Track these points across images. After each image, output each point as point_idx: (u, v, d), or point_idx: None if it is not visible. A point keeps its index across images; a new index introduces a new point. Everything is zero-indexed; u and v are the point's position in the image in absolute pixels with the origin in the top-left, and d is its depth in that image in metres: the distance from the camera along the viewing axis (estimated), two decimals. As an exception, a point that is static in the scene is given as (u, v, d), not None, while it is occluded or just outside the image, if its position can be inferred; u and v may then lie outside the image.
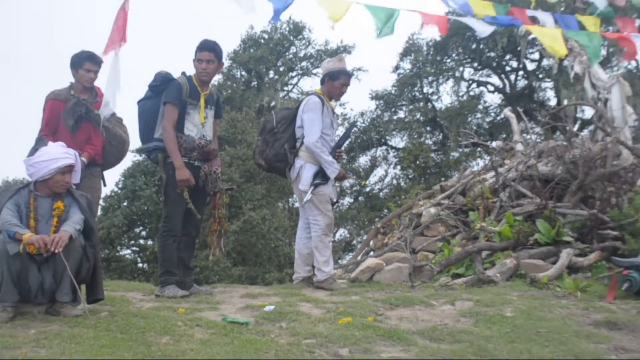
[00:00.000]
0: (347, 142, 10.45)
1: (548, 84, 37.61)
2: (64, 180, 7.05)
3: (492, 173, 12.87)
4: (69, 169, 7.09)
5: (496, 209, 11.67)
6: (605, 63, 14.57)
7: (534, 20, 10.43)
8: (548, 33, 9.92)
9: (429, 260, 10.69)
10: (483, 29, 9.85)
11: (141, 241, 29.48)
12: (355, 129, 35.94)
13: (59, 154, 7.08)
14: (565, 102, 27.58)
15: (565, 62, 16.54)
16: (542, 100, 36.55)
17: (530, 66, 38.54)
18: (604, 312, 8.04)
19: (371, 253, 12.56)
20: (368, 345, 6.69)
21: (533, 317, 7.74)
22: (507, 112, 20.61)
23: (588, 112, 16.32)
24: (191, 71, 8.85)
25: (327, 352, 6.49)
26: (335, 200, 9.82)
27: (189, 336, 6.73)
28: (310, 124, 9.15)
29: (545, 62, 36.25)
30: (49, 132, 8.66)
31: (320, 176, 9.17)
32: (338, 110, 10.62)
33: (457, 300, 8.49)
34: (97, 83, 9.05)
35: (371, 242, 14.03)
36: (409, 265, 10.42)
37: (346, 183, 35.67)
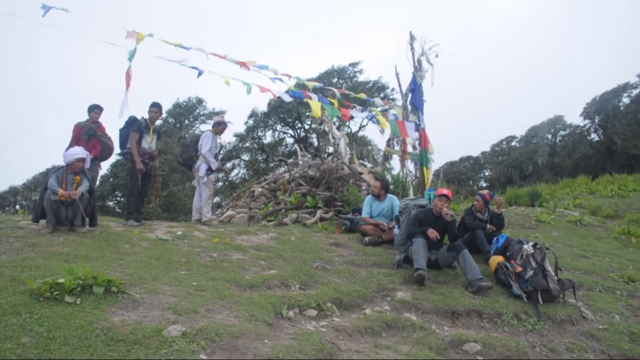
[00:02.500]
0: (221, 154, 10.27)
1: (314, 134, 38.16)
2: (79, 165, 7.14)
3: (288, 174, 12.88)
4: (82, 159, 7.17)
5: (289, 190, 11.69)
6: (338, 127, 15.27)
7: (311, 97, 10.50)
8: (314, 104, 10.02)
9: (257, 213, 10.59)
10: (288, 99, 10.00)
11: (118, 198, 28.52)
12: (225, 148, 36.09)
13: (78, 152, 7.24)
14: (321, 144, 28.05)
15: (321, 126, 16.92)
16: (311, 142, 37.01)
17: (306, 126, 39.03)
18: (334, 239, 8.19)
19: (230, 209, 12.34)
20: (227, 252, 6.61)
21: (303, 240, 7.81)
22: (296, 146, 20.84)
23: (331, 149, 16.84)
24: (146, 115, 8.75)
25: (206, 254, 6.38)
26: (214, 182, 9.79)
27: (139, 245, 6.55)
28: (205, 143, 9.18)
29: (313, 125, 36.87)
30: (75, 142, 8.42)
31: (209, 170, 9.17)
32: (219, 141, 10.54)
33: (269, 232, 8.45)
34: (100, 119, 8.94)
35: (230, 203, 13.83)
36: (248, 215, 10.32)
37: (222, 175, 35.38)
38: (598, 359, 4.68)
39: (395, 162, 17.38)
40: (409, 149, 11.39)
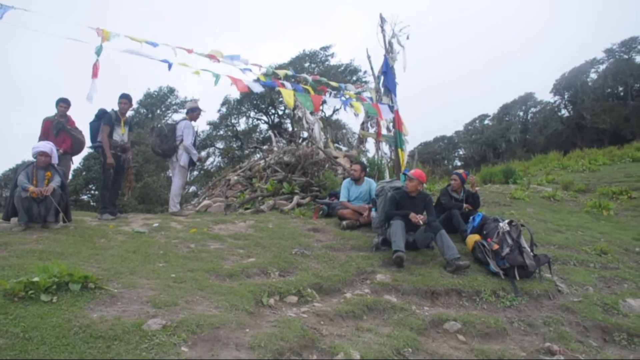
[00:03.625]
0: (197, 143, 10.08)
1: (288, 120, 38.07)
2: (42, 160, 6.99)
3: (263, 161, 12.83)
4: (44, 153, 7.01)
5: (265, 177, 11.65)
6: (312, 112, 15.29)
7: (283, 85, 10.46)
8: (287, 92, 9.92)
9: (234, 202, 10.53)
10: (259, 89, 9.90)
11: (92, 192, 28.10)
12: (199, 137, 35.85)
13: (40, 146, 7.13)
14: (296, 129, 27.99)
15: (295, 111, 16.92)
16: (285, 128, 36.90)
17: (280, 112, 38.86)
18: (312, 224, 8.20)
19: (206, 198, 12.25)
20: (204, 242, 6.56)
21: (281, 227, 7.80)
22: (270, 133, 20.72)
23: (305, 134, 16.81)
24: (115, 107, 8.62)
25: (184, 245, 6.33)
26: (191, 172, 9.73)
27: (115, 239, 6.47)
28: (187, 134, 9.16)
29: (287, 111, 36.76)
30: (44, 137, 8.39)
31: (190, 160, 9.25)
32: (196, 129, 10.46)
33: (247, 220, 8.41)
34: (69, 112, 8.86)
35: (206, 193, 13.74)
36: (224, 204, 10.25)
37: (198, 164, 35.25)
38: (574, 331, 4.79)
39: (370, 145, 17.47)
40: (383, 131, 11.44)
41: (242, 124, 40.28)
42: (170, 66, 8.82)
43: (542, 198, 12.20)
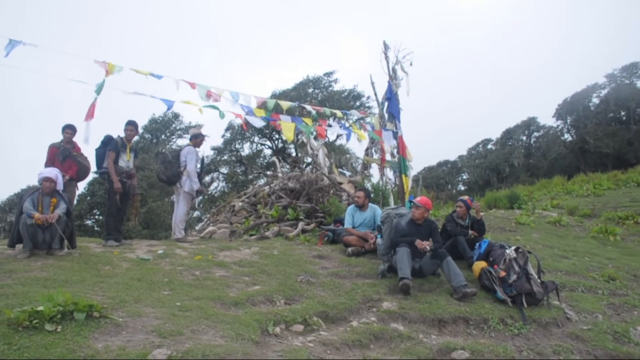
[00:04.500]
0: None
1: (291, 145, 38.22)
2: (48, 186, 6.96)
3: (268, 187, 12.82)
4: (48, 179, 6.97)
5: (270, 203, 11.62)
6: (316, 137, 15.40)
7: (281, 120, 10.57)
8: (287, 126, 10.02)
9: (238, 228, 10.49)
10: (257, 123, 10.06)
11: (96, 217, 28.05)
12: (204, 162, 35.87)
13: (45, 172, 7.11)
14: (300, 155, 28.10)
15: (299, 136, 17.03)
16: (289, 153, 37.00)
17: (284, 137, 38.99)
18: (317, 251, 8.13)
19: (211, 224, 12.22)
20: (209, 270, 6.52)
21: (286, 254, 7.74)
22: (274, 158, 20.79)
23: (309, 159, 16.93)
24: (122, 133, 8.59)
25: (189, 273, 6.29)
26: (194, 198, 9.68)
27: (120, 266, 6.42)
28: (190, 160, 9.10)
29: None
30: (50, 163, 8.37)
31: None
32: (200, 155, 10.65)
33: (252, 247, 8.36)
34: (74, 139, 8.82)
35: (210, 219, 13.71)
36: (229, 230, 10.21)
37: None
38: (584, 360, 4.72)
39: (374, 171, 17.49)
40: (387, 157, 11.45)
41: (246, 149, 40.42)
42: (170, 107, 9.02)
43: (547, 223, 12.13)
